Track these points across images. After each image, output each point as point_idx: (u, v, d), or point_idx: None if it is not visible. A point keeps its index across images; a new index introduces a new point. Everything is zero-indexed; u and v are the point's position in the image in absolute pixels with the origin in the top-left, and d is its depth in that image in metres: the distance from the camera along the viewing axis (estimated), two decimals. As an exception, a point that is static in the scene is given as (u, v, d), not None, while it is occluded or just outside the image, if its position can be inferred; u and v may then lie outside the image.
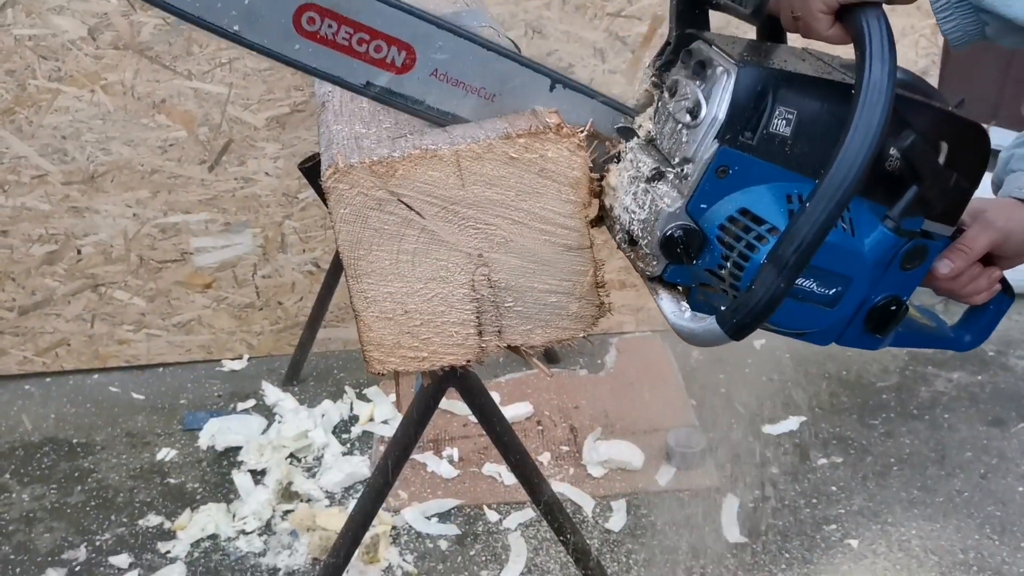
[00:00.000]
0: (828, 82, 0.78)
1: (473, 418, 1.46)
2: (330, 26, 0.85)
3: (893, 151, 0.78)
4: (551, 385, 2.18)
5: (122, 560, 1.76)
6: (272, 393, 2.18)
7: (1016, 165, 0.99)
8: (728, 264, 0.79)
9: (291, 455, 1.99)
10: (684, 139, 0.80)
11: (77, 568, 1.75)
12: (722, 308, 0.75)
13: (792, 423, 2.04)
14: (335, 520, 1.75)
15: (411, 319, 0.92)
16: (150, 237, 2.18)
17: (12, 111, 2.02)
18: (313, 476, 1.94)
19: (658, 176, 0.82)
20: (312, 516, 1.81)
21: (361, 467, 1.93)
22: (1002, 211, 0.96)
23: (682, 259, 0.80)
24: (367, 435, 2.06)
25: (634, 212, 0.84)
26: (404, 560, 1.74)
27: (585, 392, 2.16)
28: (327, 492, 1.90)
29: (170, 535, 1.81)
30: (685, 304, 0.84)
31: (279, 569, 1.73)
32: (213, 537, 1.80)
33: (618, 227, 0.87)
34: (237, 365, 2.32)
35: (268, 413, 2.13)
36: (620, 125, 0.90)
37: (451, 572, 1.72)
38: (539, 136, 0.86)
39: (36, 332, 2.24)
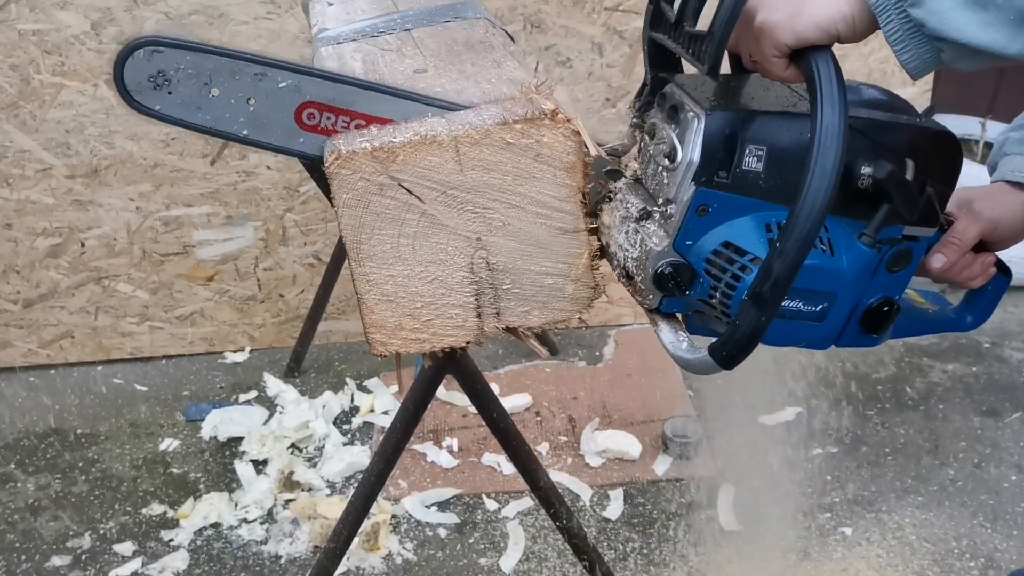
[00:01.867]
0: (792, 115, 0.82)
1: (472, 409, 1.48)
2: (328, 118, 0.92)
3: (865, 170, 0.81)
4: (550, 377, 2.20)
5: (126, 548, 1.78)
6: (274, 384, 2.20)
7: (1010, 148, 1.02)
8: (717, 294, 0.83)
9: (292, 445, 2.01)
10: (665, 181, 0.85)
11: (82, 556, 1.77)
12: (713, 341, 0.80)
13: (788, 413, 2.06)
14: (336, 509, 1.77)
15: (412, 301, 0.93)
16: (153, 230, 2.20)
17: (16, 105, 2.04)
18: (314, 466, 1.96)
19: (645, 216, 0.87)
20: (313, 505, 1.83)
21: (361, 457, 1.96)
22: (989, 199, 0.99)
23: (674, 292, 0.85)
24: (367, 426, 2.08)
25: (627, 250, 0.89)
26: (404, 548, 1.76)
27: (583, 383, 2.18)
28: (328, 481, 1.92)
29: (173, 524, 1.84)
30: (683, 334, 0.88)
31: (281, 556, 1.75)
32: (216, 526, 1.82)
33: (615, 263, 0.93)
34: (239, 357, 2.34)
35: (270, 404, 2.15)
36: (608, 168, 0.94)
37: (450, 560, 1.74)
38: (535, 122, 0.87)
39: (40, 324, 2.26)
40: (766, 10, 0.75)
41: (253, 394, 2.19)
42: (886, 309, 0.90)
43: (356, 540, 1.57)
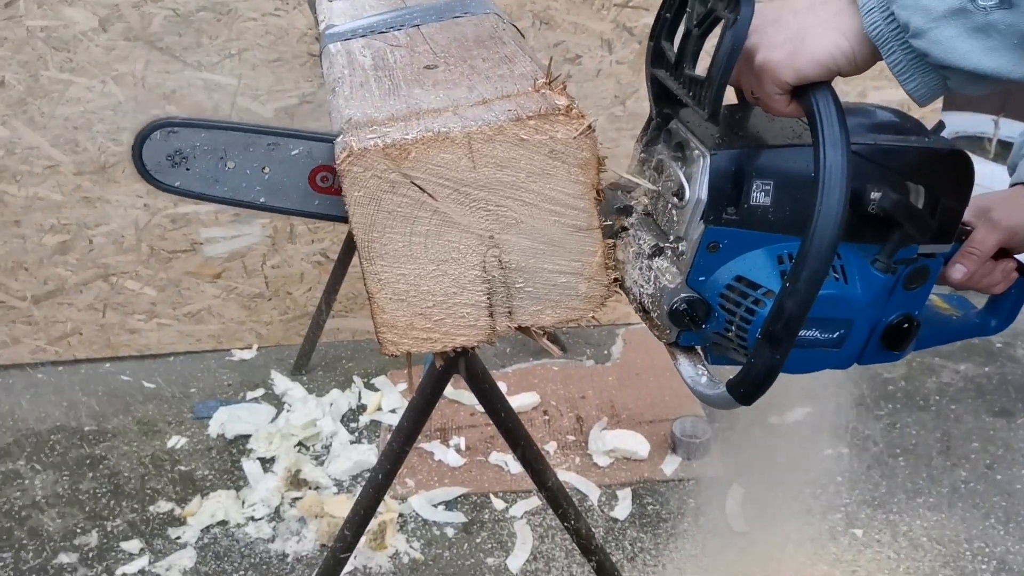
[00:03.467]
0: (798, 147, 0.82)
1: (480, 408, 1.47)
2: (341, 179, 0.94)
3: (874, 195, 0.81)
4: (558, 376, 2.19)
5: (133, 545, 1.77)
6: (281, 382, 2.19)
7: None
8: (733, 328, 0.84)
9: (299, 443, 2.01)
10: (675, 218, 0.86)
11: (89, 553, 1.77)
12: (731, 376, 0.81)
13: (798, 413, 2.05)
14: (343, 507, 1.77)
15: (424, 300, 0.92)
16: (160, 227, 2.19)
17: (24, 102, 2.04)
18: (321, 464, 1.95)
19: (657, 252, 0.88)
20: (320, 503, 1.82)
21: (369, 455, 1.95)
22: (1008, 205, 0.97)
23: (691, 327, 0.86)
24: (375, 424, 2.08)
25: (642, 286, 0.89)
26: (411, 547, 1.75)
27: (592, 382, 2.17)
28: (335, 480, 1.91)
29: (180, 521, 1.83)
30: (702, 367, 0.89)
31: (287, 555, 1.74)
32: (223, 523, 1.82)
33: (632, 298, 0.93)
34: (247, 354, 2.33)
35: (277, 402, 2.14)
36: (619, 205, 0.94)
37: (457, 559, 1.73)
38: (549, 118, 0.86)
39: (48, 321, 2.26)
40: (766, 49, 0.75)
41: (260, 392, 2.19)
42: (906, 326, 0.89)
43: (363, 539, 1.57)
